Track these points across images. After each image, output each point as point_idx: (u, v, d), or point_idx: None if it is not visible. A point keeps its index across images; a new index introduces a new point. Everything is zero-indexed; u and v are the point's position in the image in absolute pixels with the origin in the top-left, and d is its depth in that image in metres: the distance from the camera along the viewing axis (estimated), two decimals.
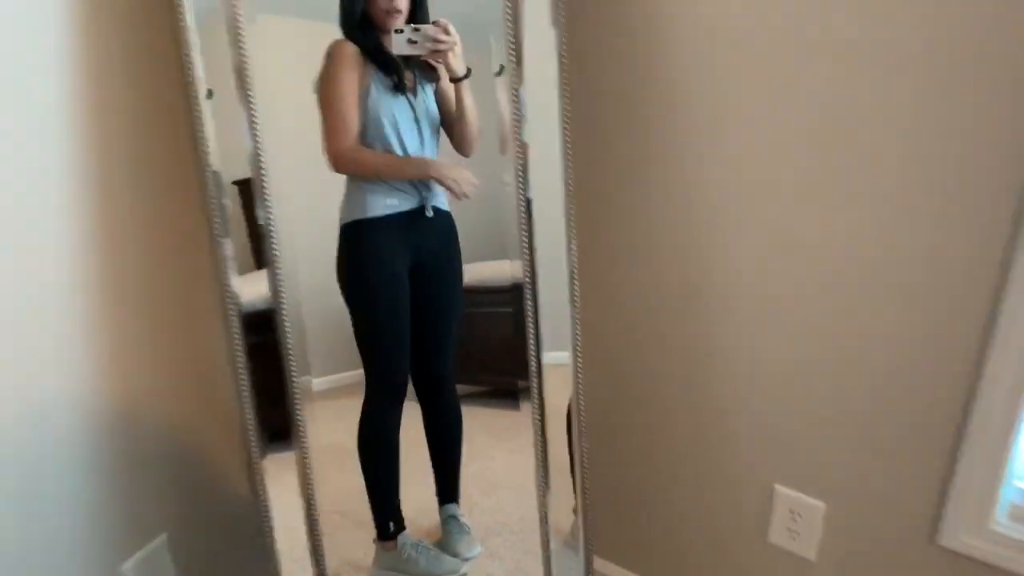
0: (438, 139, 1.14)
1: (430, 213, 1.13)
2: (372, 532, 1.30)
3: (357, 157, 1.09)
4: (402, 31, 1.04)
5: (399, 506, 1.31)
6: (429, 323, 1.20)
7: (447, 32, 1.05)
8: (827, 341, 1.10)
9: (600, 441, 1.39)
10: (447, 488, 1.32)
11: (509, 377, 1.14)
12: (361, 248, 1.14)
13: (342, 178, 1.12)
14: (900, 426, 1.09)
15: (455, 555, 1.30)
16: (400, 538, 1.30)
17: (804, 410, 1.17)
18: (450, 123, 1.13)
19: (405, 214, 1.13)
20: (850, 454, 1.15)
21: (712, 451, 1.30)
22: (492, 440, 1.29)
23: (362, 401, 1.22)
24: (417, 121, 1.11)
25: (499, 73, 1.03)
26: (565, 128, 1.01)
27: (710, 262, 1.16)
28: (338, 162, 1.09)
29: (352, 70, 1.06)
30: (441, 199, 1.15)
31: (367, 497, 1.28)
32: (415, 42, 1.04)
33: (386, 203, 1.12)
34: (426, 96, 1.12)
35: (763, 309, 1.15)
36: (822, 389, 1.14)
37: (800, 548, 1.26)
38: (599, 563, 1.56)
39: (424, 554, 1.29)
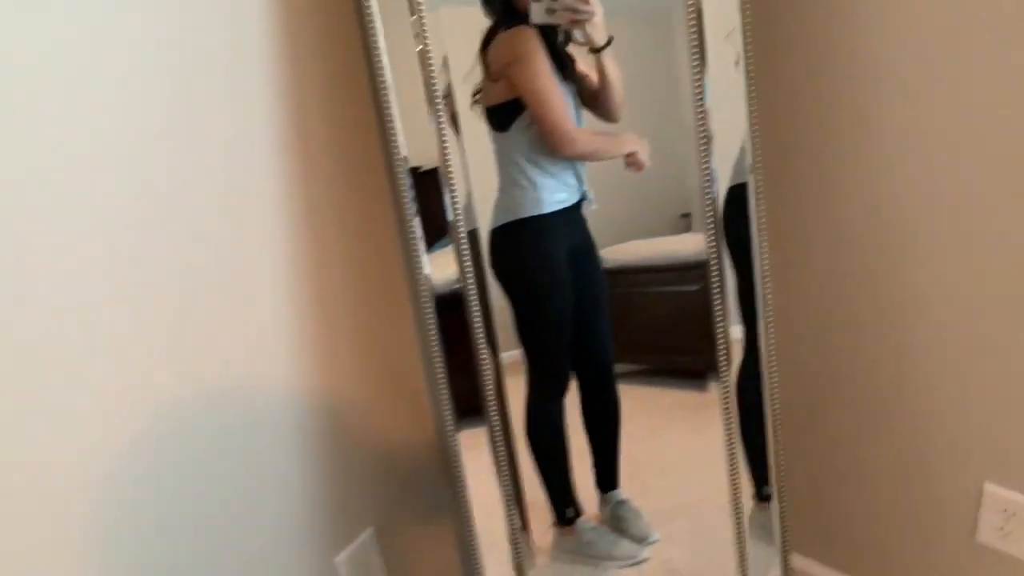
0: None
1: (595, 205, 1.14)
2: (545, 515, 1.32)
3: (589, 139, 1.11)
4: (541, 0, 1.03)
5: (574, 492, 1.32)
6: (590, 313, 1.21)
7: (586, 1, 1.03)
8: None
9: (797, 427, 1.37)
10: (611, 475, 1.32)
11: (688, 356, 1.14)
12: (531, 247, 1.15)
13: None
14: None
15: (639, 539, 1.29)
16: (579, 523, 1.31)
17: (1018, 399, 1.09)
18: (592, 95, 1.11)
19: (569, 209, 1.14)
20: None
21: (918, 445, 1.24)
22: (665, 421, 1.28)
23: (527, 395, 1.23)
24: (577, 106, 1.11)
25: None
26: (751, 101, 0.98)
27: (916, 246, 1.11)
28: (576, 145, 1.10)
29: (545, 57, 1.07)
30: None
31: (543, 484, 1.29)
32: (554, 11, 1.02)
33: (556, 199, 1.13)
34: (570, 83, 1.12)
35: (974, 301, 1.08)
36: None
37: (1013, 548, 1.18)
38: (796, 558, 1.52)
39: (604, 537, 1.30)
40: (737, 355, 1.09)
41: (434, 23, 0.99)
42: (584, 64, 1.10)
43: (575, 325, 1.20)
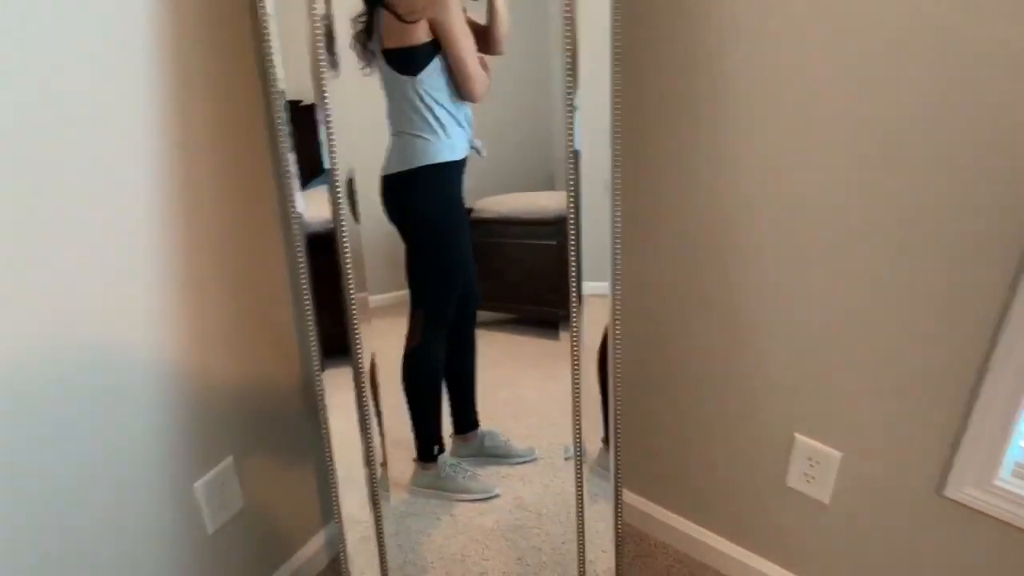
0: None
1: (485, 153, 1.17)
2: (402, 452, 1.36)
3: (487, 78, 1.12)
4: None
5: (441, 429, 1.37)
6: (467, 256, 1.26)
7: None
8: (850, 294, 1.14)
9: (633, 377, 1.46)
10: (472, 414, 1.37)
11: (549, 307, 1.19)
12: (443, 192, 1.18)
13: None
14: (916, 381, 1.14)
15: (517, 456, 1.36)
16: (440, 458, 1.37)
17: (826, 362, 1.22)
18: (479, 29, 1.12)
19: (464, 158, 1.17)
20: (867, 406, 1.21)
21: (738, 397, 1.36)
22: (525, 368, 1.32)
23: (414, 336, 1.26)
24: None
25: None
26: (615, 67, 1.03)
27: (744, 213, 1.20)
28: (483, 86, 1.12)
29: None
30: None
31: (413, 422, 1.33)
32: None
33: (464, 146, 1.16)
34: None
35: (791, 263, 1.19)
36: (843, 342, 1.18)
37: (815, 492, 1.33)
38: (629, 496, 1.64)
39: (461, 473, 1.37)
40: (595, 309, 1.15)
41: None
42: None
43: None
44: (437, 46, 1.10)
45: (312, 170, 1.09)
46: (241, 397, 1.31)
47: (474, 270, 1.27)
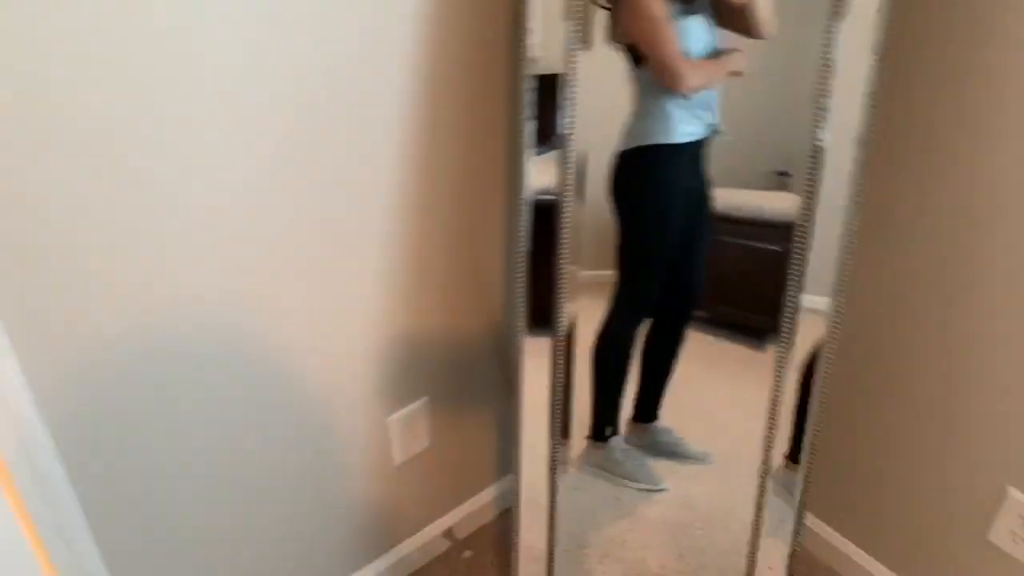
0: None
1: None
2: (582, 429, 1.36)
3: (698, 72, 1.10)
4: None
5: (619, 413, 1.36)
6: (693, 252, 1.23)
7: None
8: None
9: (837, 396, 1.40)
10: (655, 408, 1.35)
11: (759, 315, 1.16)
12: (655, 173, 1.17)
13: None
14: None
15: (687, 455, 1.35)
16: (612, 440, 1.37)
17: None
18: (730, 11, 1.09)
19: (697, 143, 1.14)
20: None
21: (951, 435, 1.27)
22: (717, 370, 1.30)
23: (608, 316, 1.25)
24: (712, 30, 1.10)
25: None
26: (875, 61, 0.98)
27: (989, 259, 1.12)
28: (684, 80, 1.10)
29: None
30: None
31: (593, 399, 1.33)
32: None
33: (686, 130, 1.13)
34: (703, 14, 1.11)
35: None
36: None
37: (1021, 554, 1.22)
38: (809, 519, 1.58)
39: (631, 458, 1.37)
40: (808, 324, 1.11)
41: None
42: None
43: (675, 260, 1.24)
44: None
45: (541, 139, 1.11)
46: (443, 346, 1.38)
47: (701, 267, 1.25)
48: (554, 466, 1.30)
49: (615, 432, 1.37)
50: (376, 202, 1.15)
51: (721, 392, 1.29)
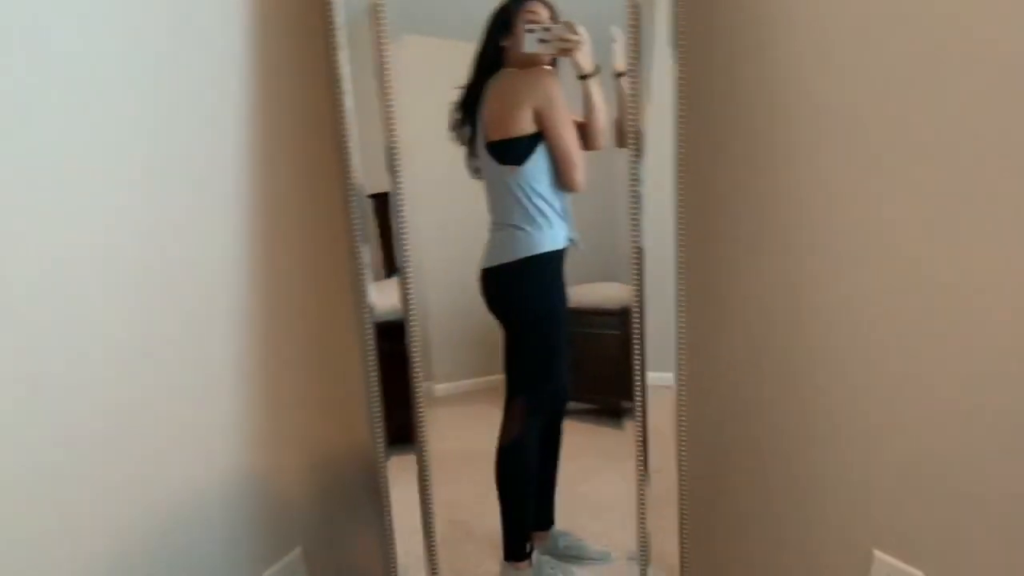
0: None
1: (582, 246, 1.21)
2: (482, 545, 1.33)
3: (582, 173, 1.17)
4: (533, 30, 1.10)
5: (531, 525, 1.33)
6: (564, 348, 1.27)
7: (574, 31, 1.10)
8: (944, 409, 1.08)
9: (706, 477, 1.40)
10: (552, 510, 1.34)
11: (616, 397, 1.20)
12: (553, 280, 1.21)
13: (471, 191, 1.20)
14: (1007, 499, 1.05)
15: (595, 558, 1.32)
16: (535, 556, 1.32)
17: (906, 474, 1.15)
18: (577, 123, 1.18)
19: (565, 248, 1.21)
20: (952, 523, 1.12)
21: (813, 507, 1.29)
22: (602, 460, 1.30)
23: (513, 426, 1.25)
24: None
25: (621, 74, 1.09)
26: (680, 164, 1.07)
27: (824, 315, 1.17)
28: (581, 173, 1.17)
29: None
30: None
31: (508, 519, 1.30)
32: (546, 41, 1.09)
33: (566, 235, 1.20)
34: None
35: (868, 367, 1.14)
36: (925, 452, 1.12)
37: None
38: None
39: (559, 569, 1.31)
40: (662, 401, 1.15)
41: (397, 52, 1.06)
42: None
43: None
44: (540, 137, 1.15)
45: (388, 260, 1.14)
46: (311, 487, 1.32)
47: (567, 362, 1.27)
48: None
49: (533, 547, 1.32)
50: (221, 349, 1.11)
51: (609, 482, 1.28)
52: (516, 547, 1.30)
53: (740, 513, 1.41)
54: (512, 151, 1.16)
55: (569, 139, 1.15)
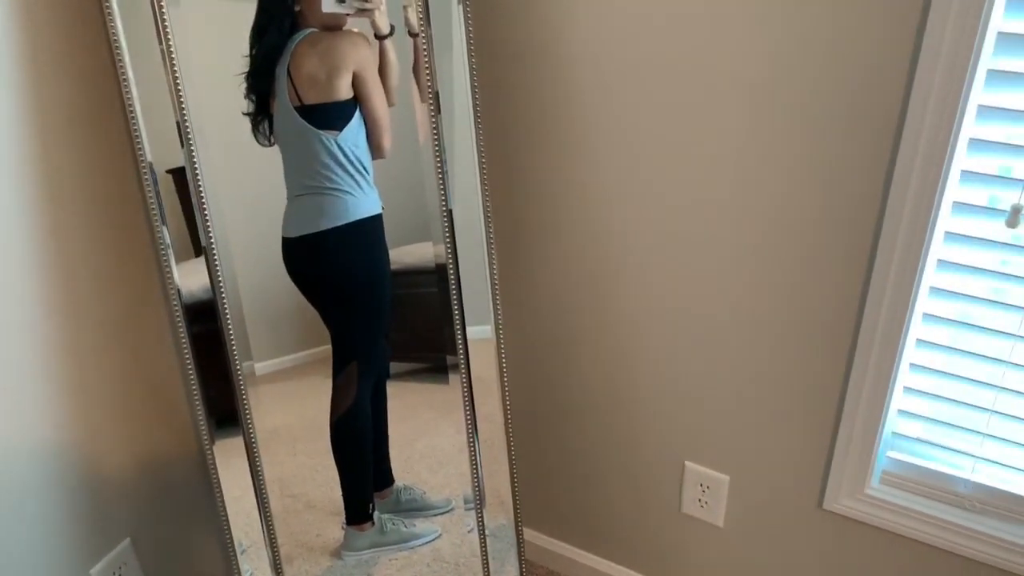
0: None
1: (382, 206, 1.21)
2: (321, 514, 1.34)
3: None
4: None
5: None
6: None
7: None
8: (718, 328, 1.21)
9: (528, 415, 1.49)
10: (389, 469, 1.36)
11: (440, 353, 1.22)
12: (374, 244, 1.20)
13: (270, 163, 1.16)
14: (789, 404, 1.20)
15: (431, 510, 1.35)
16: (376, 516, 1.34)
17: (706, 388, 1.28)
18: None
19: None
20: (748, 431, 1.27)
21: (627, 428, 1.40)
22: (435, 414, 1.31)
23: (344, 392, 1.26)
24: None
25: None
26: (478, 128, 1.09)
27: (615, 248, 1.25)
28: (390, 138, 1.16)
29: None
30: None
31: (349, 484, 1.31)
32: (343, 1, 1.07)
33: (376, 199, 1.19)
34: None
35: (674, 311, 1.24)
36: (719, 367, 1.24)
37: (709, 516, 1.38)
38: (533, 535, 1.66)
39: (400, 523, 1.34)
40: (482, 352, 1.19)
41: (177, 18, 1.01)
42: None
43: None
44: (356, 102, 1.13)
45: (193, 237, 1.10)
46: (136, 476, 1.28)
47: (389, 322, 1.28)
48: (277, 564, 1.26)
49: (375, 507, 1.35)
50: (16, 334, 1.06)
51: (438, 435, 1.31)
52: (359, 511, 1.33)
53: (564, 446, 1.50)
54: (332, 115, 1.13)
55: (383, 104, 1.14)
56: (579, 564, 1.62)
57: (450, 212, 1.11)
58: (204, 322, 1.12)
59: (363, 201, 1.18)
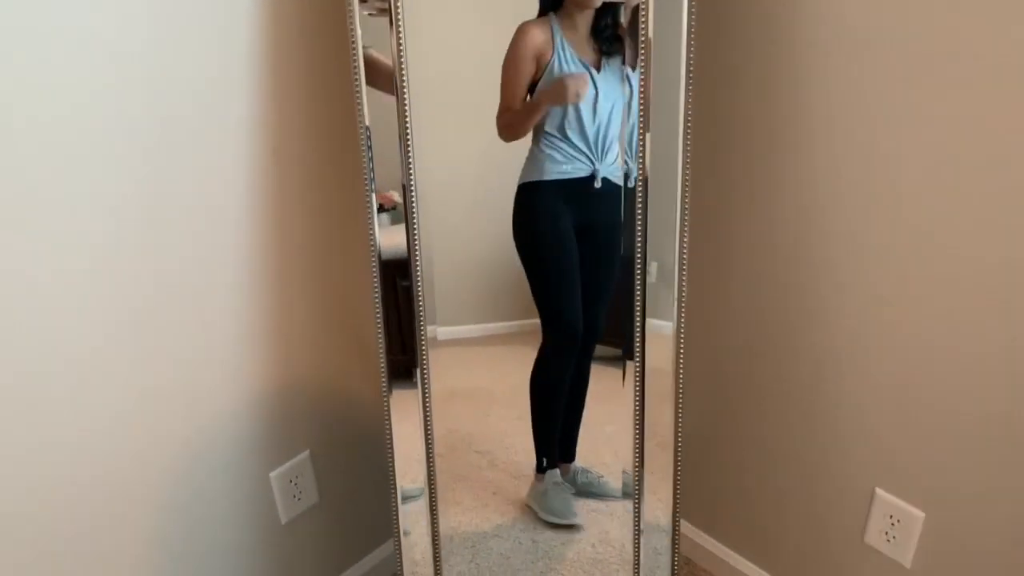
0: (619, 114, 1.16)
1: (598, 184, 1.19)
2: (502, 474, 1.38)
3: (504, 119, 1.17)
4: None
5: (554, 446, 1.37)
6: (592, 285, 1.26)
7: None
8: (944, 346, 1.09)
9: (709, 419, 1.45)
10: (570, 447, 1.37)
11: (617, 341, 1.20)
12: (534, 208, 1.22)
13: (485, 137, 1.19)
14: (1013, 443, 1.07)
15: (608, 494, 1.35)
16: (548, 475, 1.36)
17: (913, 415, 1.16)
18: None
19: (575, 181, 1.19)
20: (958, 468, 1.14)
21: (816, 446, 1.31)
22: (614, 403, 1.28)
23: (541, 344, 1.29)
24: (598, 95, 1.15)
25: None
26: (687, 109, 1.04)
27: (826, 254, 1.17)
28: (498, 129, 1.17)
29: (524, 45, 1.14)
30: (616, 173, 1.17)
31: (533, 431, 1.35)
32: None
33: (559, 168, 1.18)
34: (612, 71, 1.15)
35: (880, 307, 1.15)
36: (932, 396, 1.13)
37: (895, 553, 1.26)
38: (698, 535, 1.61)
39: (559, 494, 1.36)
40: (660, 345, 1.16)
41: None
42: None
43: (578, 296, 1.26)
44: None
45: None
46: (323, 400, 1.37)
47: (600, 304, 1.27)
48: (435, 527, 1.30)
49: (550, 465, 1.37)
50: (231, 250, 1.16)
51: (623, 423, 1.28)
52: (538, 461, 1.37)
53: (736, 453, 1.44)
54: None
55: (502, 89, 1.16)
56: (739, 572, 1.56)
57: (645, 199, 1.08)
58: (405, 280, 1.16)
59: (531, 167, 1.20)
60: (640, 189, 1.08)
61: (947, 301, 1.07)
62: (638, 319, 1.14)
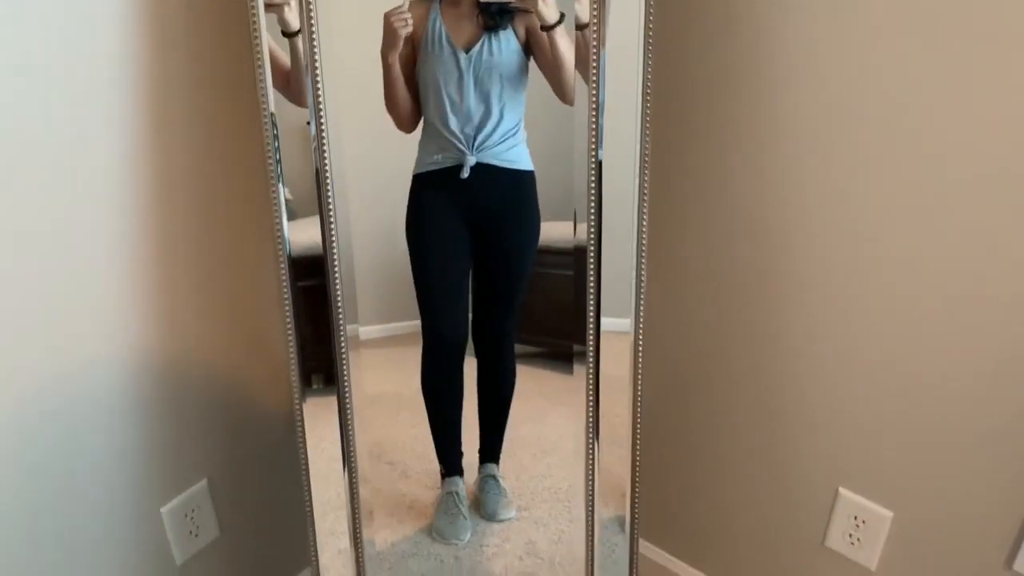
0: (515, 92, 1.11)
1: (465, 174, 1.13)
2: (416, 485, 1.34)
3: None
4: None
5: (453, 453, 1.33)
6: (488, 281, 1.22)
7: None
8: (909, 339, 1.08)
9: (660, 420, 1.40)
10: (490, 447, 1.33)
11: (567, 340, 1.15)
12: (409, 204, 1.17)
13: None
14: (988, 438, 1.06)
15: (490, 516, 1.32)
16: (447, 483, 1.33)
17: (880, 410, 1.14)
18: (547, 71, 1.10)
19: (448, 171, 1.13)
20: (927, 463, 1.13)
21: (774, 446, 1.29)
22: (546, 404, 1.29)
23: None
24: (464, 77, 1.10)
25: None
26: (646, 92, 0.99)
27: (786, 251, 1.15)
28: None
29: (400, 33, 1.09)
30: (503, 156, 1.13)
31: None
32: None
33: (429, 160, 1.13)
34: (493, 49, 1.10)
35: (841, 317, 1.13)
36: (901, 388, 1.11)
37: (859, 556, 1.24)
38: (646, 547, 1.57)
39: (449, 509, 1.32)
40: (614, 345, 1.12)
41: None
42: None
43: (477, 291, 1.22)
44: None
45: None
46: (224, 416, 1.29)
47: (499, 299, 1.24)
48: (359, 552, 1.22)
49: (453, 473, 1.33)
50: (111, 250, 1.06)
51: (561, 426, 1.25)
52: (440, 468, 1.33)
53: (683, 454, 1.43)
54: None
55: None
56: None
57: (598, 189, 1.03)
58: (316, 279, 1.09)
59: (417, 157, 1.15)
60: (593, 172, 1.02)
61: (912, 296, 1.06)
62: (591, 314, 1.09)
